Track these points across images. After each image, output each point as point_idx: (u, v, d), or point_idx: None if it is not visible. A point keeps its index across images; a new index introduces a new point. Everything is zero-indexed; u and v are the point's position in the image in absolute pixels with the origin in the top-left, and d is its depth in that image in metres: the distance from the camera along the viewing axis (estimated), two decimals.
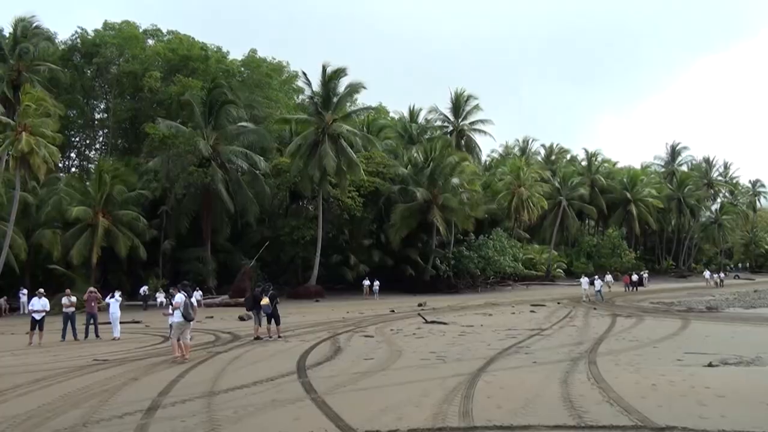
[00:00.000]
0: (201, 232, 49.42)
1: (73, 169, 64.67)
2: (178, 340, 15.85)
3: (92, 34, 59.67)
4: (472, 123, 75.03)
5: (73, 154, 66.16)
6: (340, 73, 50.46)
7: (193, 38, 61.11)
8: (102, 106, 64.18)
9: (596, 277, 45.05)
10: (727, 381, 11.77)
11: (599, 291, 41.23)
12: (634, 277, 57.22)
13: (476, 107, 74.62)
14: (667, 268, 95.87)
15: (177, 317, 15.86)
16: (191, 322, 15.90)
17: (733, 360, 14.45)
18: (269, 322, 20.82)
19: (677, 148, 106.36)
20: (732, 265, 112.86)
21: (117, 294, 24.63)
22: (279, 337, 20.71)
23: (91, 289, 25.68)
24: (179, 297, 15.84)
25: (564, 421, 8.67)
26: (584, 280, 43.78)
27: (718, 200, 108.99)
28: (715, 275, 66.46)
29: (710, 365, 13.71)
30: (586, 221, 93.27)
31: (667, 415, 8.87)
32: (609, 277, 58.66)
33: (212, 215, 49.47)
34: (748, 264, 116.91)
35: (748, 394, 10.47)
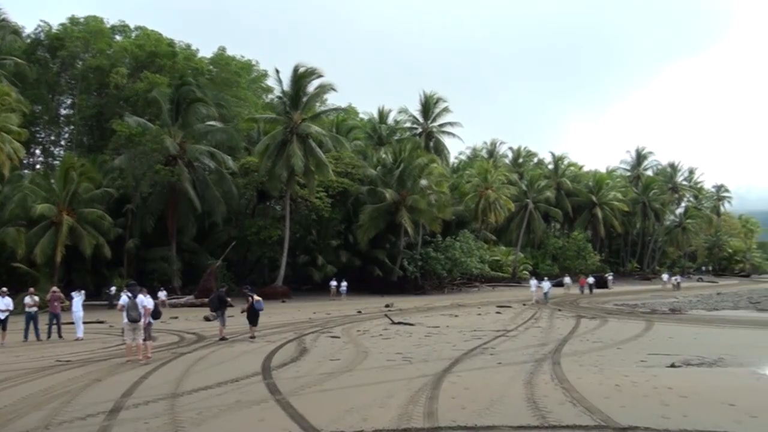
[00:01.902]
0: (167, 231, 48.82)
1: (38, 166, 63.46)
2: (133, 341, 15.69)
3: (57, 28, 58.69)
4: (441, 125, 75.32)
5: (38, 151, 64.88)
6: (310, 73, 50.23)
7: (160, 34, 60.44)
8: (68, 102, 63.14)
9: (545, 278, 44.97)
10: (690, 382, 11.96)
11: (546, 293, 40.92)
12: (590, 280, 57.57)
13: (445, 110, 75.00)
14: (632, 270, 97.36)
15: (124, 319, 15.74)
16: (139, 323, 15.65)
17: (695, 361, 14.71)
18: (254, 323, 21.14)
19: (643, 152, 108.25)
20: (695, 268, 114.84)
21: (80, 292, 24.29)
22: (251, 337, 20.78)
23: (54, 288, 25.25)
24: (123, 299, 15.70)
25: (527, 421, 8.73)
26: (533, 282, 43.79)
27: (683, 204, 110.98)
28: (673, 278, 67.58)
29: (673, 366, 13.94)
30: (552, 224, 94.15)
31: (630, 415, 8.97)
32: (567, 279, 59.35)
33: (178, 214, 48.90)
34: (711, 267, 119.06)
35: (710, 394, 10.64)
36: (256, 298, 21.38)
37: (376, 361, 15.26)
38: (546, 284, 41.77)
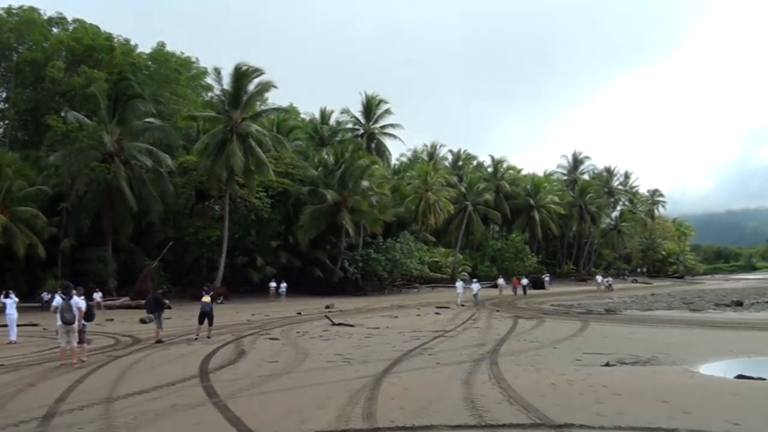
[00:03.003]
0: (102, 230, 47.61)
1: None
2: (67, 344, 15.30)
3: None
4: (383, 127, 75.41)
5: None
6: (252, 72, 49.65)
7: (98, 28, 58.84)
8: (2, 96, 60.91)
9: (474, 280, 45.05)
10: (624, 380, 12.27)
11: (476, 294, 40.93)
12: (524, 281, 58.51)
13: (387, 111, 75.09)
14: (568, 271, 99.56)
15: (57, 321, 15.34)
16: (73, 325, 15.27)
17: (629, 360, 15.10)
18: (209, 323, 21.38)
19: (579, 157, 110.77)
20: (630, 270, 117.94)
21: (12, 294, 23.52)
22: (208, 337, 21.03)
23: None
24: (57, 300, 15.33)
25: (465, 420, 8.81)
26: (459, 284, 43.51)
27: (618, 208, 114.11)
28: (605, 280, 69.40)
29: (608, 365, 14.28)
30: (491, 226, 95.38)
31: (566, 413, 9.13)
32: (501, 281, 60.27)
33: (114, 213, 47.66)
34: (646, 269, 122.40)
35: (644, 391, 10.90)
36: (204, 298, 21.56)
37: (315, 362, 15.20)
38: (475, 286, 41.89)
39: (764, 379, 12.00)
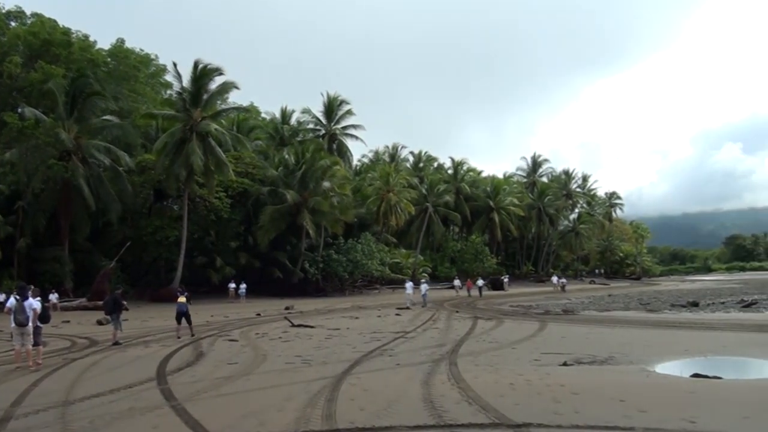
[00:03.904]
0: (59, 230, 46.73)
1: None
2: (22, 346, 15.03)
3: None
4: (345, 127, 75.45)
5: None
6: (212, 71, 49.25)
7: (56, 22, 57.65)
8: None
9: (423, 281, 45.09)
10: (581, 379, 12.43)
11: (424, 295, 41.04)
12: (480, 282, 59.00)
13: (349, 112, 75.15)
14: (527, 272, 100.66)
15: (11, 323, 15.08)
16: (27, 327, 14.99)
17: (587, 359, 15.29)
18: (187, 322, 22.20)
19: (538, 160, 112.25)
20: (588, 271, 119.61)
21: None
22: (192, 335, 21.70)
23: None
24: (10, 301, 15.09)
25: (424, 421, 8.83)
26: (409, 284, 43.38)
27: (576, 210, 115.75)
28: (560, 280, 70.66)
29: (565, 364, 14.45)
30: (451, 227, 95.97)
31: (524, 412, 9.20)
32: (457, 282, 60.71)
33: (71, 212, 46.80)
34: (603, 270, 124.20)
35: (601, 391, 11.05)
36: (180, 299, 22.35)
37: (274, 364, 15.12)
38: (423, 287, 41.90)
39: (719, 378, 12.23)
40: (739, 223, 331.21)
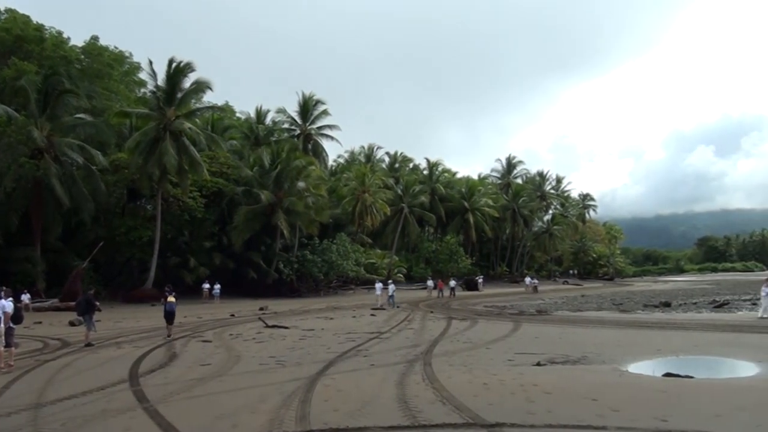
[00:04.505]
0: (31, 229, 46.07)
1: None
2: None
3: None
4: (320, 128, 75.03)
5: None
6: (186, 68, 48.85)
7: (29, 18, 56.88)
8: None
9: (390, 281, 45.09)
10: (554, 379, 12.52)
11: (392, 296, 40.97)
12: (452, 283, 59.20)
13: (324, 112, 74.76)
14: (501, 273, 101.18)
15: None
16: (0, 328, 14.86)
17: (560, 359, 15.44)
18: (170, 322, 22.42)
19: (513, 161, 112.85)
20: (561, 272, 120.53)
21: None
22: (168, 335, 21.74)
23: None
24: None
25: (398, 421, 8.87)
26: (378, 285, 43.43)
27: (550, 211, 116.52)
28: (532, 281, 71.33)
29: (539, 364, 14.56)
30: (426, 228, 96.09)
31: (498, 412, 9.28)
32: (430, 282, 60.95)
33: (44, 212, 46.13)
34: (576, 271, 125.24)
35: (574, 390, 11.16)
36: (169, 299, 22.44)
37: (248, 365, 15.08)
38: (390, 287, 41.85)
39: (691, 377, 12.42)
40: (711, 225, 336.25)
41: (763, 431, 8.55)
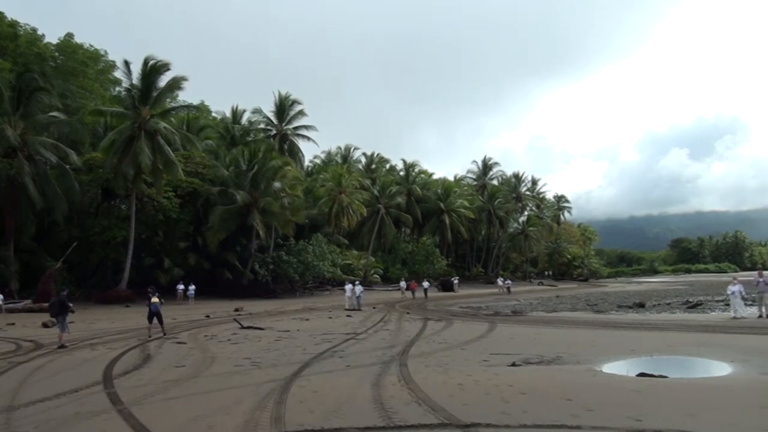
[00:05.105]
0: (4, 229, 45.47)
1: None
2: None
3: None
4: (296, 128, 74.90)
5: None
6: (162, 67, 48.47)
7: (3, 14, 56.08)
8: None
9: (357, 282, 45.34)
10: (529, 379, 12.62)
11: (358, 297, 40.90)
12: (425, 284, 59.46)
13: (301, 112, 74.62)
14: (477, 274, 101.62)
15: None
16: None
17: (535, 359, 15.56)
18: (159, 321, 22.71)
19: (489, 163, 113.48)
20: (536, 273, 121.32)
21: None
22: (164, 334, 22.49)
23: None
24: None
25: (374, 422, 8.90)
26: (348, 287, 43.18)
27: (526, 213, 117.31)
28: (505, 282, 71.84)
29: (514, 365, 14.66)
30: (403, 229, 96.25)
31: (473, 412, 9.34)
32: (403, 284, 61.22)
33: (17, 211, 45.56)
34: (551, 272, 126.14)
35: (549, 390, 11.24)
36: (153, 299, 22.65)
37: (223, 366, 15.01)
38: (357, 288, 41.80)
39: (665, 377, 12.54)
40: (685, 227, 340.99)
41: (736, 430, 8.68)
